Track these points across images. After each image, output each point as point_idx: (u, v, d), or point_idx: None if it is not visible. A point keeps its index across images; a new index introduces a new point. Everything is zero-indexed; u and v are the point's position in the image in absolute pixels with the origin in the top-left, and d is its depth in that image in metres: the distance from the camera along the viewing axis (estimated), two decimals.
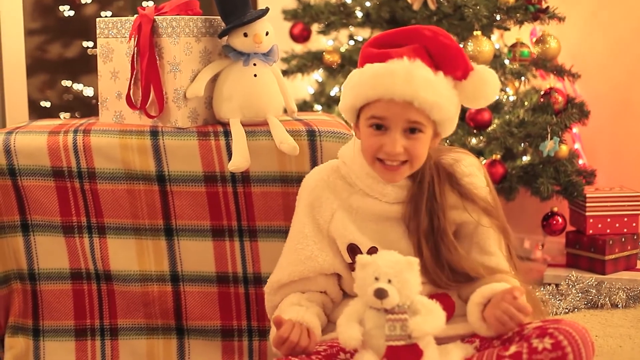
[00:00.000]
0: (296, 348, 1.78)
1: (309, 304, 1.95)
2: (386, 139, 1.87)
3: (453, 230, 1.95)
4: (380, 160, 1.90)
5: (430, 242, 1.91)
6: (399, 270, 1.69)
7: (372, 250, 1.92)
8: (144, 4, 3.53)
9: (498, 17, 3.12)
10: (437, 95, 1.85)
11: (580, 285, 2.95)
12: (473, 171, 1.99)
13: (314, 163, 2.22)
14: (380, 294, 1.67)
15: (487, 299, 1.81)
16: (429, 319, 1.69)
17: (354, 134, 2.01)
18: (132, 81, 2.29)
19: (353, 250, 1.96)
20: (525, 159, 3.27)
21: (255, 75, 2.25)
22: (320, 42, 3.66)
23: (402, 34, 1.92)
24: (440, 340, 1.77)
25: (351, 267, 1.93)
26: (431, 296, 1.82)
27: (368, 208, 1.96)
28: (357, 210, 1.97)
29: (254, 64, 2.26)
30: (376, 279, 1.69)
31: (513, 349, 1.70)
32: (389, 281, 1.68)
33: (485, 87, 1.92)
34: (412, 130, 1.87)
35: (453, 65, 1.89)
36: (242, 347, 2.31)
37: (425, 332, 1.68)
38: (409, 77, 1.83)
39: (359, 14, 3.36)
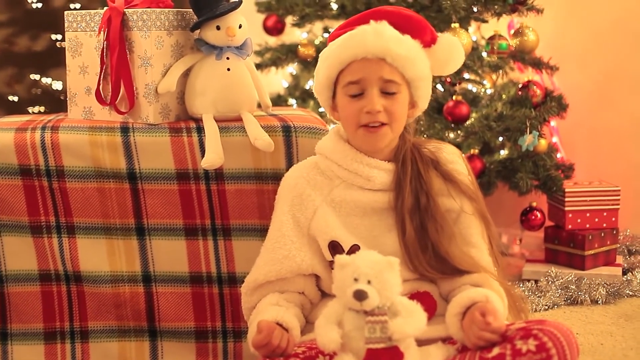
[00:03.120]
0: (276, 350, 1.75)
1: (288, 305, 1.91)
2: (364, 102, 1.89)
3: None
4: (363, 126, 1.90)
5: (416, 220, 1.89)
6: (378, 270, 1.65)
7: (354, 248, 1.89)
8: None
9: (476, 9, 3.09)
10: (408, 51, 1.91)
11: (560, 281, 2.92)
12: (455, 159, 2.01)
13: (289, 159, 2.18)
14: (360, 295, 1.63)
15: (465, 308, 1.78)
16: (409, 320, 1.66)
17: (329, 127, 1.99)
18: (102, 76, 2.25)
19: (334, 247, 1.92)
20: (503, 153, 3.25)
21: (228, 70, 2.22)
22: (294, 34, 3.63)
23: (365, 15, 1.98)
24: (422, 342, 1.73)
25: (332, 265, 1.89)
26: (412, 296, 1.81)
27: (352, 200, 1.93)
28: (341, 204, 1.94)
29: (227, 58, 2.22)
30: (355, 279, 1.65)
31: (496, 350, 1.67)
32: (369, 282, 1.65)
33: (455, 50, 2.00)
34: (388, 93, 1.89)
35: (419, 32, 1.96)
36: (217, 349, 2.27)
37: (406, 334, 1.65)
38: (378, 33, 1.90)
39: (334, 6, 3.32)
